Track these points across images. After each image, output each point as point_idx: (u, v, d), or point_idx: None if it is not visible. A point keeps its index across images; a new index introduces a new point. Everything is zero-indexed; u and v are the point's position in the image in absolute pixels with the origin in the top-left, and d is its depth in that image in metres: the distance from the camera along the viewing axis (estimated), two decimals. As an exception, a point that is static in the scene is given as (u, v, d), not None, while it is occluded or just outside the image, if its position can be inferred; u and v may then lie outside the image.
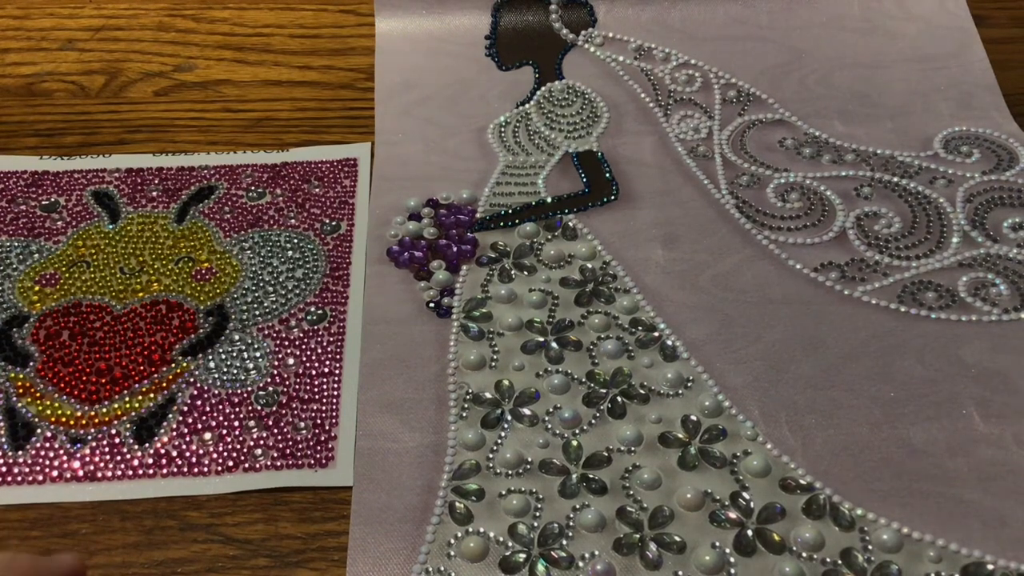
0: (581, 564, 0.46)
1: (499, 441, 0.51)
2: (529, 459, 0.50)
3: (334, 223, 0.62)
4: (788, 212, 0.63)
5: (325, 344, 0.56)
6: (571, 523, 0.48)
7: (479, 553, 0.47)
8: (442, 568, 0.46)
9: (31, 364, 0.55)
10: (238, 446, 0.51)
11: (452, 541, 0.47)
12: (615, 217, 0.63)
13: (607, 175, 0.65)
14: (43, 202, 0.63)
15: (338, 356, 0.55)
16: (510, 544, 0.47)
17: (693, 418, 0.52)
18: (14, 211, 0.63)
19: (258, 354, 0.55)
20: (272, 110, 0.71)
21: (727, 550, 0.47)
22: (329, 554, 0.48)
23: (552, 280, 0.59)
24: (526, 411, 0.52)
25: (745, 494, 0.49)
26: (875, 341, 0.56)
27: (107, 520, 0.49)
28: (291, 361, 0.55)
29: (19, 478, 0.50)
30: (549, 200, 0.63)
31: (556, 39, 0.76)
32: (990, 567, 0.46)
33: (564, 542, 0.47)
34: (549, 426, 0.52)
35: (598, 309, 0.57)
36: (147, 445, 0.51)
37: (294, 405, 0.53)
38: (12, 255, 0.60)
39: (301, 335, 0.56)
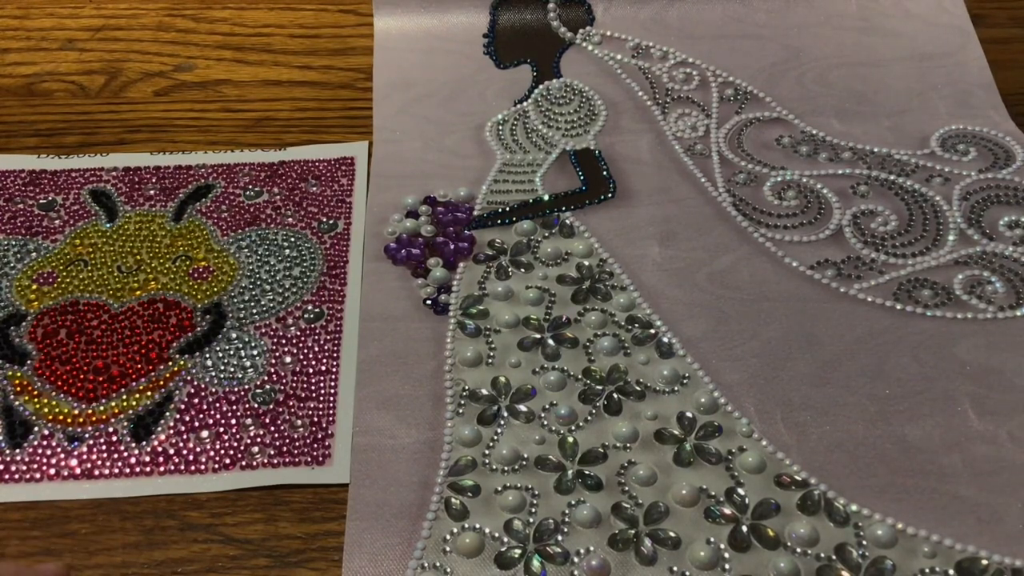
0: (576, 560, 0.47)
1: (495, 437, 0.51)
2: (525, 455, 0.51)
3: (331, 221, 0.62)
4: (785, 210, 0.63)
5: (322, 342, 0.56)
6: (567, 519, 0.48)
7: (475, 549, 0.47)
8: (438, 563, 0.47)
9: (29, 362, 0.55)
10: (235, 444, 0.52)
11: (448, 537, 0.47)
12: (612, 215, 0.63)
13: (604, 173, 0.65)
14: (40, 201, 0.63)
15: (335, 354, 0.55)
16: (506, 540, 0.47)
17: (689, 415, 0.52)
18: (11, 210, 0.63)
19: (255, 352, 0.55)
20: (272, 110, 0.71)
21: (722, 546, 0.47)
22: (329, 554, 0.48)
23: (549, 277, 0.59)
24: (522, 408, 0.53)
25: (740, 490, 0.49)
26: (871, 338, 0.56)
27: (107, 520, 0.49)
28: (288, 359, 0.55)
29: (16, 476, 0.50)
30: (546, 198, 0.64)
31: (554, 37, 0.76)
32: (984, 562, 0.46)
33: (559, 538, 0.47)
34: (545, 422, 0.52)
35: (595, 306, 0.57)
36: (144, 443, 0.52)
37: (291, 403, 0.53)
38: (10, 254, 0.60)
39: (298, 333, 0.56)
